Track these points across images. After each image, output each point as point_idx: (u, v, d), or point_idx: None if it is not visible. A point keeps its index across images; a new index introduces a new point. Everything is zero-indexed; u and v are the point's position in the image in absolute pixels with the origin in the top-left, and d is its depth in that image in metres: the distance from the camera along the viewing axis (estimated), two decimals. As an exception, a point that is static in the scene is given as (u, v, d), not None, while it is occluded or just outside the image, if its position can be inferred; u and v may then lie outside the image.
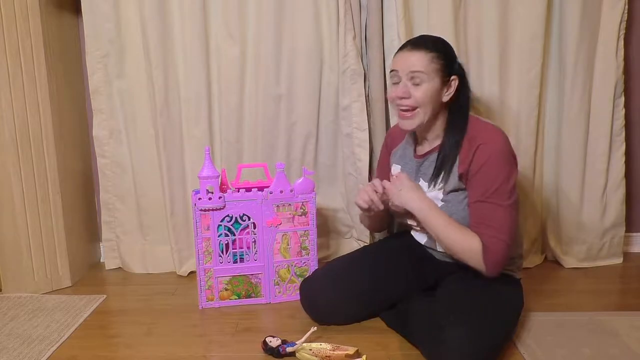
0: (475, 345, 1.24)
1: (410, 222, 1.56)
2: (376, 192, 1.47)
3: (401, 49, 1.46)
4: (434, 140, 1.49)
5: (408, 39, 1.51)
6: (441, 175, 1.43)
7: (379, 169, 1.75)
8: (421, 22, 1.87)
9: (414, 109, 1.41)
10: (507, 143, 1.40)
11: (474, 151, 1.38)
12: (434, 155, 1.47)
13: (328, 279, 1.58)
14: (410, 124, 1.44)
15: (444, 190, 1.43)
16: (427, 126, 1.47)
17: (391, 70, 1.46)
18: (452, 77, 1.42)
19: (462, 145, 1.41)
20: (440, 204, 1.44)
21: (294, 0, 1.86)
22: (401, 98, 1.41)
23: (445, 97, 1.43)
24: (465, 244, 1.37)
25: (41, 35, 1.77)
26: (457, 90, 1.44)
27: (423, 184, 1.49)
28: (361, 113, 1.92)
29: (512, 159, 1.39)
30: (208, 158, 1.67)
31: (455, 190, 1.42)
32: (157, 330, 1.59)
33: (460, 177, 1.40)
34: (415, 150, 1.55)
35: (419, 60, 1.39)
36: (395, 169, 1.59)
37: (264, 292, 1.76)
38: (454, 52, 1.47)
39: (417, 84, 1.39)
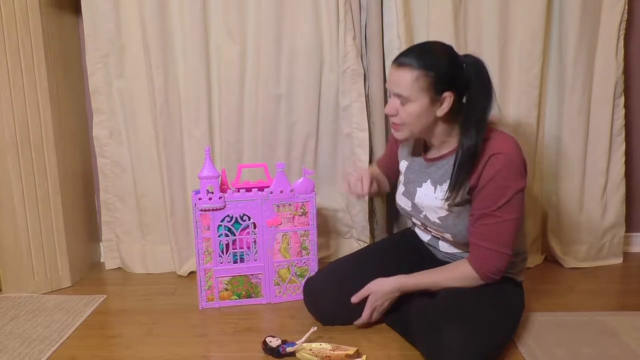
0: (475, 345, 1.24)
1: (415, 220, 1.57)
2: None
3: (393, 62, 1.38)
4: (441, 146, 1.44)
5: (404, 49, 1.43)
6: (456, 190, 1.36)
7: (384, 155, 1.76)
8: (421, 22, 1.87)
9: (402, 124, 1.39)
10: (520, 154, 1.34)
11: (485, 162, 1.32)
12: (442, 162, 1.43)
13: (331, 278, 1.58)
14: (400, 136, 1.42)
15: (448, 204, 1.40)
16: (427, 135, 1.43)
17: (386, 84, 1.44)
18: (445, 94, 1.33)
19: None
20: (444, 213, 1.42)
21: (294, 0, 1.86)
22: (390, 115, 1.40)
23: (440, 112, 1.35)
24: (461, 276, 1.39)
25: (41, 35, 1.76)
26: (467, 99, 1.35)
27: (429, 186, 1.46)
28: (361, 113, 1.92)
29: (523, 170, 1.35)
30: (208, 158, 1.67)
31: (461, 204, 1.39)
32: (157, 330, 1.60)
33: (470, 189, 1.36)
34: (424, 152, 1.52)
35: (403, 80, 1.32)
36: (403, 164, 1.58)
37: (264, 292, 1.75)
38: (451, 62, 1.34)
39: (403, 104, 1.35)
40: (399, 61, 1.35)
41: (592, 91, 1.92)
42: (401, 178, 1.59)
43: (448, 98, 1.33)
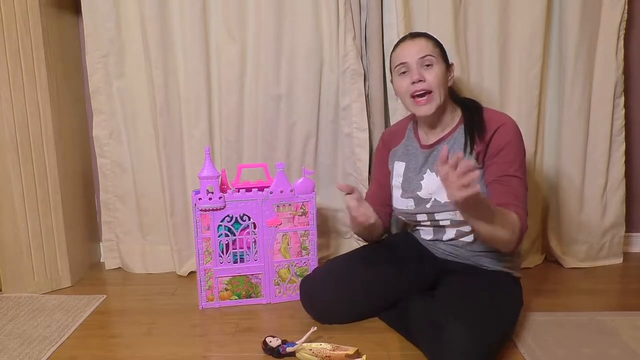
0: (475, 344, 1.24)
1: (420, 218, 1.56)
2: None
3: (401, 42, 1.53)
4: (441, 131, 1.53)
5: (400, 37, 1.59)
6: (472, 143, 1.45)
7: (377, 171, 1.74)
8: (421, 23, 1.87)
9: (429, 92, 1.45)
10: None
11: (493, 131, 1.44)
12: (443, 144, 1.49)
13: (328, 278, 1.58)
14: (428, 109, 1.47)
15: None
16: (439, 114, 1.50)
17: (398, 64, 1.48)
18: (451, 63, 1.53)
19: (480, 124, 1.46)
20: None
21: (294, 0, 1.86)
22: (417, 82, 1.45)
23: (450, 82, 1.51)
24: (510, 221, 1.33)
25: (41, 35, 1.77)
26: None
27: (430, 174, 1.50)
28: (361, 113, 1.92)
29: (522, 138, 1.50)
30: (208, 158, 1.67)
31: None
32: (157, 330, 1.59)
33: (477, 156, 1.44)
34: (420, 143, 1.57)
35: (426, 45, 1.48)
36: (399, 166, 1.60)
37: (264, 292, 1.75)
38: None
39: (429, 66, 1.46)
40: (412, 35, 1.53)
41: (592, 91, 1.92)
42: (396, 182, 1.60)
43: (453, 68, 1.54)
